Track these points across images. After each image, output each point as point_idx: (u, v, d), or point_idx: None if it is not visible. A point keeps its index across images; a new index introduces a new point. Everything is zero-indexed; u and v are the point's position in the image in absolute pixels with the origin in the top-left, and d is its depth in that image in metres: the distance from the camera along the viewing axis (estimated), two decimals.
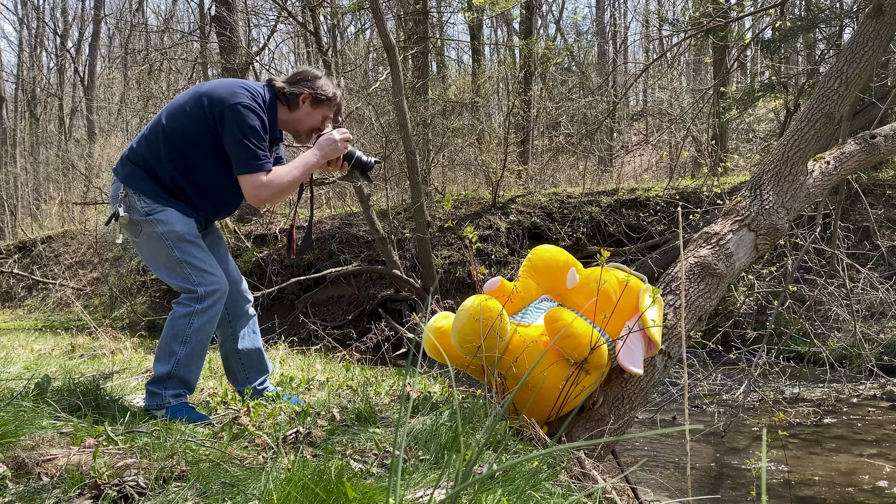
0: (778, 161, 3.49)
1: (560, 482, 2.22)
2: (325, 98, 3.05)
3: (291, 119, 3.07)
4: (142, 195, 2.89)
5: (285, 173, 2.93)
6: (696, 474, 4.56)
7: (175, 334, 2.89)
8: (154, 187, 2.91)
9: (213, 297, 2.91)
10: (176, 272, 2.91)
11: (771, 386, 6.25)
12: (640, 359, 2.85)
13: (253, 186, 2.87)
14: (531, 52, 14.62)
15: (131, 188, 2.91)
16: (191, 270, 2.90)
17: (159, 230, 2.88)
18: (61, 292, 16.55)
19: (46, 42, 29.49)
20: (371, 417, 2.72)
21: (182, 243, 2.90)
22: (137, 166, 2.94)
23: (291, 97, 3.03)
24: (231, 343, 3.22)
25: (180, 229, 2.90)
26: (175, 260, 2.90)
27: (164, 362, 2.89)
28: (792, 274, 6.30)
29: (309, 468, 1.86)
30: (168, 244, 2.89)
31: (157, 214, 2.89)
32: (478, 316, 2.65)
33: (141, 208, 2.88)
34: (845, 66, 3.58)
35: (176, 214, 2.92)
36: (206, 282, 2.90)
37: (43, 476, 1.97)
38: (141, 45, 24.43)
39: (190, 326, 2.89)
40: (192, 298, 2.89)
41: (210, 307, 2.91)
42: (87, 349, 6.22)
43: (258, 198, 2.89)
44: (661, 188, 11.92)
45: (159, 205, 2.90)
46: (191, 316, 2.88)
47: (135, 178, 2.92)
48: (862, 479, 4.34)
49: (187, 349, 2.89)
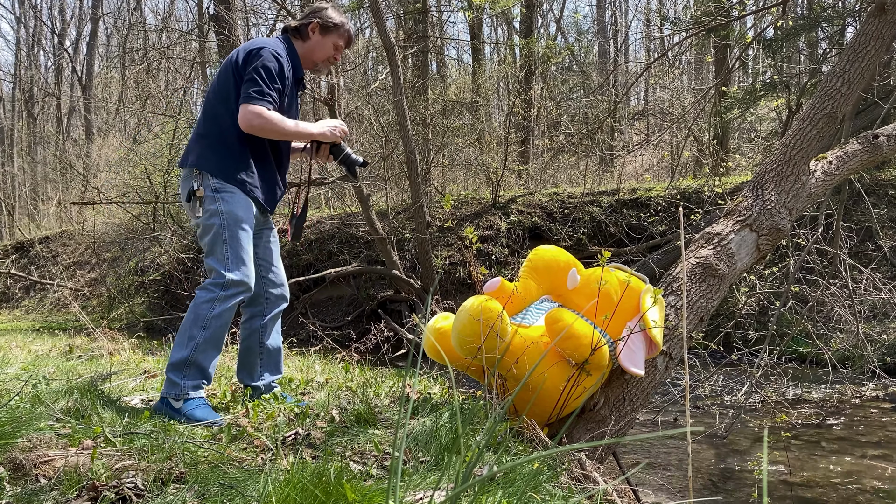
0: (780, 161, 3.49)
1: (561, 484, 2.22)
2: (333, 25, 3.21)
3: (307, 50, 3.23)
4: (214, 175, 3.02)
5: (283, 119, 3.04)
6: (697, 476, 4.55)
7: (196, 318, 2.95)
8: (224, 163, 3.04)
9: (238, 286, 2.99)
10: (216, 251, 3.01)
11: (773, 387, 6.25)
12: (642, 360, 2.85)
13: (250, 111, 2.97)
14: (532, 51, 14.63)
15: (204, 169, 3.04)
16: (230, 254, 2.99)
17: (221, 208, 3.00)
18: (59, 293, 16.56)
19: (44, 41, 29.51)
20: (371, 419, 2.72)
21: (235, 227, 3.01)
22: (203, 145, 3.07)
23: (302, 29, 3.21)
24: (259, 336, 3.28)
25: (239, 213, 3.03)
26: (221, 240, 3.00)
27: (183, 347, 2.94)
28: (794, 274, 6.29)
29: (308, 470, 1.86)
30: (221, 223, 3.00)
31: (225, 194, 3.02)
32: (478, 317, 2.65)
33: (212, 184, 3.02)
34: (848, 65, 3.58)
35: (241, 199, 3.05)
36: (237, 271, 2.98)
37: (40, 478, 1.97)
38: (139, 45, 24.46)
39: (211, 311, 2.94)
40: (218, 284, 2.96)
41: (233, 296, 2.98)
42: (85, 350, 6.22)
43: (248, 122, 2.97)
44: (662, 188, 11.92)
45: (228, 184, 3.03)
46: (213, 301, 2.95)
47: (204, 157, 3.06)
48: (864, 481, 4.34)
49: (206, 334, 2.94)
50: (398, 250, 11.45)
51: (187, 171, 3.09)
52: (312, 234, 13.18)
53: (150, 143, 16.40)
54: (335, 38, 3.24)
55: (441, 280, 11.20)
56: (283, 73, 3.06)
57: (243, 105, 2.97)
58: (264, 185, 3.16)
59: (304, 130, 3.14)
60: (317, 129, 3.18)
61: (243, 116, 2.96)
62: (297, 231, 3.40)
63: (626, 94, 15.78)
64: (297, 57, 3.21)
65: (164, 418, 2.75)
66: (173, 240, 14.27)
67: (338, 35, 3.24)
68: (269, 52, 3.03)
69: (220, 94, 3.08)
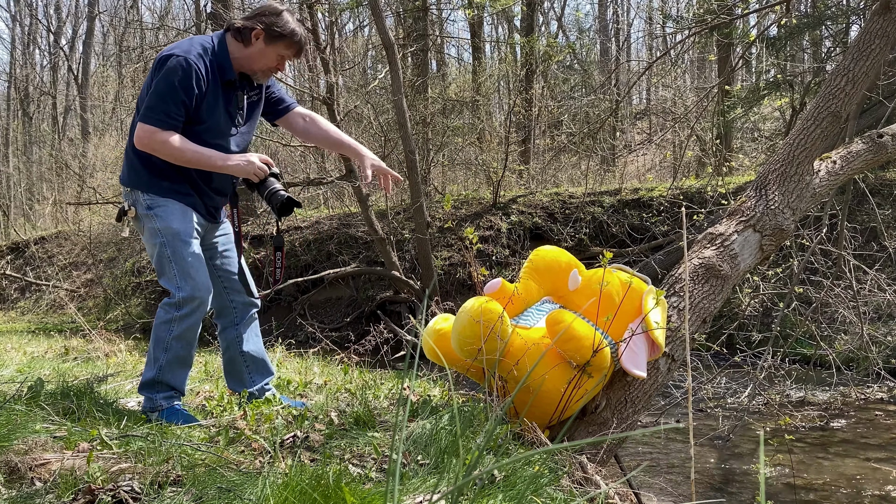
0: (783, 160, 3.49)
1: (562, 487, 2.22)
2: (280, 34, 2.89)
3: (245, 56, 2.93)
4: (145, 190, 2.92)
5: (181, 147, 2.82)
6: (700, 479, 4.55)
7: (157, 340, 2.93)
8: (151, 178, 2.92)
9: (190, 304, 2.89)
10: (164, 271, 2.93)
11: (776, 389, 6.25)
12: (644, 362, 2.85)
13: (140, 129, 2.80)
14: (532, 50, 14.63)
15: (134, 186, 2.94)
16: (176, 271, 2.89)
17: (157, 226, 2.90)
18: (55, 294, 16.55)
19: (39, 39, 29.52)
20: (370, 421, 2.72)
21: (175, 242, 2.90)
22: (130, 159, 2.97)
23: (245, 32, 2.89)
24: (236, 346, 3.25)
25: (176, 227, 2.90)
26: (165, 258, 2.91)
27: (150, 367, 2.95)
28: (798, 275, 6.29)
29: (306, 473, 1.86)
30: (161, 241, 2.90)
31: (158, 209, 2.91)
32: (478, 318, 2.65)
33: (144, 201, 2.91)
34: (852, 63, 3.58)
35: (176, 209, 2.92)
36: (186, 287, 2.88)
37: (36, 481, 1.97)
38: (136, 43, 24.44)
39: (170, 333, 2.91)
40: (172, 304, 2.91)
41: (188, 315, 2.91)
42: (81, 352, 6.22)
43: (140, 142, 2.82)
44: (664, 188, 11.92)
45: (161, 198, 2.91)
46: (170, 323, 2.91)
47: (133, 173, 2.95)
48: (869, 484, 4.33)
49: (169, 356, 2.91)
50: (398, 251, 11.46)
51: (124, 189, 3.01)
52: (311, 234, 13.18)
53: None
54: (282, 48, 2.92)
55: (441, 281, 11.20)
56: (189, 84, 2.79)
57: (137, 123, 2.83)
58: (197, 190, 2.99)
59: (210, 163, 2.87)
60: (227, 165, 2.90)
61: (137, 135, 2.83)
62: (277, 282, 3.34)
63: (628, 93, 15.79)
64: (228, 58, 2.92)
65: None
66: None
67: (285, 45, 2.92)
68: (176, 61, 2.78)
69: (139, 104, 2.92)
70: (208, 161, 2.88)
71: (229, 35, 2.95)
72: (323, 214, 14.16)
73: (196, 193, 3.01)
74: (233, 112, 3.01)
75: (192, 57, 2.82)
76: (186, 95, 2.80)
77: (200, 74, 2.83)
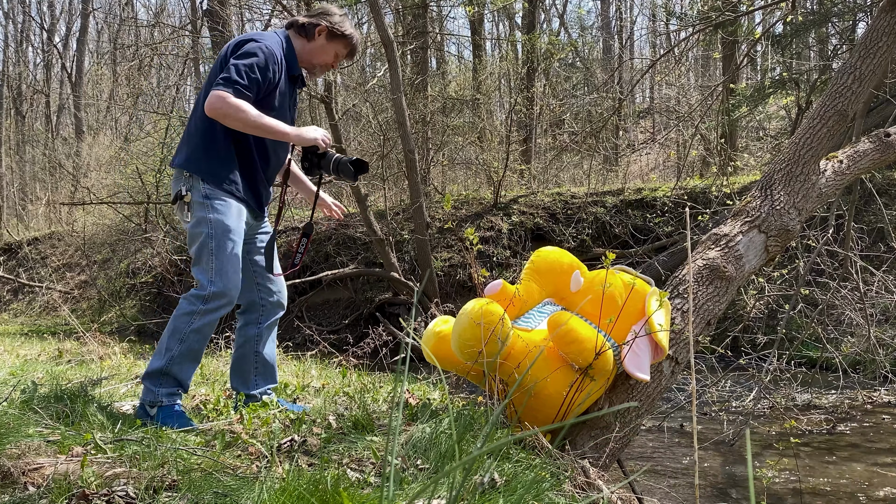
0: (789, 160, 3.50)
1: (564, 491, 2.22)
2: (341, 34, 3.19)
3: (307, 50, 3.19)
4: (205, 180, 3.00)
5: (256, 113, 2.94)
6: (703, 483, 4.55)
7: (174, 330, 2.96)
8: (212, 164, 3.02)
9: (219, 300, 2.97)
10: (202, 261, 3.00)
11: (782, 392, 6.25)
12: (647, 365, 2.85)
13: (214, 95, 2.89)
14: (534, 48, 14.63)
15: (193, 172, 3.02)
16: (215, 265, 2.98)
17: (210, 216, 2.99)
18: (48, 296, 16.55)
19: (33, 37, 29.52)
20: (368, 425, 2.72)
21: (223, 238, 3.00)
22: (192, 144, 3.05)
23: (309, 27, 3.17)
24: (254, 345, 3.29)
25: (228, 223, 3.01)
26: (207, 250, 2.99)
27: (160, 357, 2.96)
28: (804, 277, 6.30)
29: (304, 478, 1.86)
30: (209, 232, 2.99)
31: (216, 202, 3.00)
32: (479, 320, 2.65)
33: (203, 189, 3.00)
34: (859, 61, 3.58)
35: (233, 206, 3.04)
36: (219, 283, 2.97)
37: (29, 486, 1.97)
38: (130, 41, 24.47)
39: (190, 325, 2.95)
40: (200, 297, 2.96)
41: (214, 310, 2.97)
42: (75, 354, 6.22)
43: (210, 106, 2.90)
44: (668, 188, 11.93)
45: (222, 192, 3.01)
46: (192, 315, 2.95)
47: (193, 159, 3.04)
48: (876, 489, 4.33)
49: (183, 347, 2.95)
50: (397, 252, 11.46)
51: (177, 172, 3.07)
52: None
53: (141, 141, 16.42)
54: (340, 46, 3.22)
55: (441, 282, 11.20)
56: (267, 68, 2.99)
57: (210, 91, 2.92)
58: (247, 183, 3.13)
59: (280, 131, 3.02)
60: (296, 134, 3.08)
61: (207, 101, 2.91)
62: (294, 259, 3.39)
63: (632, 91, 15.80)
64: (294, 54, 3.16)
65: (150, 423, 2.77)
66: (165, 241, 14.27)
67: (343, 44, 3.23)
68: (255, 45, 2.98)
69: (206, 88, 3.04)
70: (278, 129, 3.01)
71: (292, 31, 3.21)
72: (320, 215, 14.12)
73: (251, 183, 3.14)
74: (292, 105, 3.27)
75: (271, 44, 3.04)
76: (262, 77, 2.98)
77: (277, 62, 3.04)
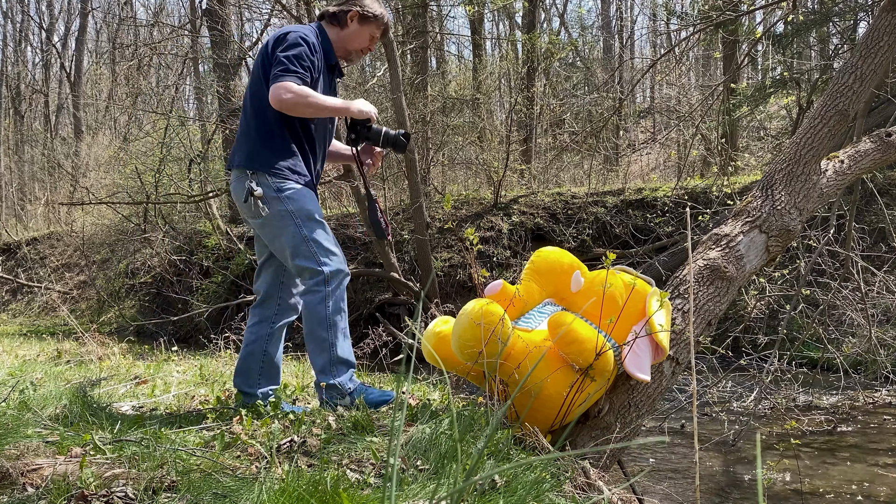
0: (790, 160, 3.50)
1: (564, 492, 2.22)
2: (372, 16, 3.25)
3: (342, 38, 3.27)
4: (269, 173, 3.06)
5: (321, 96, 3.07)
6: (704, 484, 4.56)
7: (319, 321, 3.04)
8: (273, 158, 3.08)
9: (337, 277, 3.08)
10: (301, 251, 3.06)
11: (783, 393, 6.25)
12: (648, 365, 2.85)
13: (278, 87, 2.98)
14: (534, 47, 14.63)
15: (258, 169, 3.07)
16: (317, 249, 3.06)
17: (290, 208, 3.06)
18: (47, 296, 16.55)
19: (31, 36, 29.54)
20: (368, 426, 2.72)
21: (311, 222, 3.08)
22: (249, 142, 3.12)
23: (341, 15, 3.25)
24: (264, 344, 3.31)
25: (310, 207, 3.10)
26: (301, 239, 3.06)
27: (322, 352, 3.06)
28: (805, 277, 6.29)
29: (304, 479, 1.86)
30: (296, 222, 3.06)
31: (289, 192, 3.07)
32: (479, 320, 2.65)
33: (272, 184, 3.06)
34: (860, 61, 3.58)
35: (305, 191, 3.11)
36: (331, 262, 3.07)
37: (28, 487, 1.97)
38: (129, 40, 24.46)
39: (328, 309, 3.04)
40: (320, 282, 3.04)
41: (337, 287, 3.07)
42: (74, 355, 6.23)
43: (278, 98, 2.98)
44: (669, 188, 11.93)
45: (290, 181, 3.08)
46: (325, 300, 3.04)
47: (254, 156, 3.10)
48: (877, 490, 4.33)
49: (334, 331, 3.05)
50: (396, 252, 11.46)
51: (238, 172, 3.13)
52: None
53: (140, 141, 16.42)
54: (373, 28, 3.28)
55: (441, 283, 11.20)
56: (311, 57, 3.08)
57: (272, 86, 3.00)
58: (307, 168, 3.21)
59: (340, 107, 3.14)
60: (353, 105, 3.19)
61: (273, 95, 2.98)
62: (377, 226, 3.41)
63: (632, 91, 15.79)
64: (330, 44, 3.25)
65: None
66: (165, 241, 14.28)
67: (376, 26, 3.29)
68: (296, 36, 3.07)
69: (254, 86, 3.14)
70: (341, 106, 3.14)
71: (324, 22, 3.29)
72: None
73: (310, 167, 3.21)
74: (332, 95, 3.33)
75: (309, 35, 3.13)
76: (311, 64, 3.08)
77: (316, 52, 3.14)
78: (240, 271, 12.93)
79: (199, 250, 13.98)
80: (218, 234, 13.68)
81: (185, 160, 14.11)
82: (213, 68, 15.63)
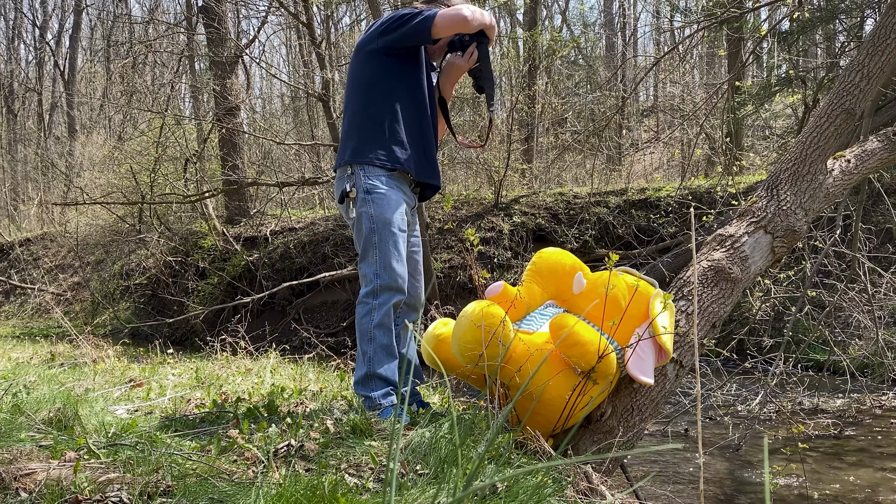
0: (796, 159, 3.50)
1: (566, 498, 2.22)
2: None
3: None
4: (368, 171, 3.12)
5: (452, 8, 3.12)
6: (709, 489, 4.55)
7: (361, 333, 3.09)
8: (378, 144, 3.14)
9: (388, 292, 3.08)
10: (367, 256, 3.12)
11: (788, 396, 6.25)
12: (651, 368, 2.85)
13: (423, 20, 3.05)
14: (536, 45, 14.63)
15: (362, 160, 3.14)
16: (379, 259, 3.08)
17: (371, 212, 3.10)
18: (40, 298, 16.56)
19: (24, 34, 29.57)
20: (367, 430, 2.72)
21: (385, 231, 3.10)
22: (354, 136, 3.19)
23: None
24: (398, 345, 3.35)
25: (389, 216, 3.11)
26: (371, 245, 3.10)
27: (361, 364, 3.10)
28: (810, 278, 6.30)
29: (301, 483, 1.86)
30: (371, 227, 3.10)
31: (375, 195, 3.11)
32: (479, 322, 2.65)
33: (364, 185, 3.11)
34: (867, 59, 3.58)
35: (392, 199, 3.13)
36: (384, 276, 3.07)
37: (21, 491, 1.97)
38: (124, 38, 24.47)
39: (371, 322, 3.06)
40: (370, 294, 3.08)
41: (385, 302, 3.08)
42: (68, 358, 6.22)
43: (434, 25, 3.05)
44: (672, 188, 11.93)
45: (381, 184, 3.11)
46: (371, 313, 3.07)
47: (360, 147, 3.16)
48: (884, 494, 4.33)
49: (374, 346, 3.07)
50: None
51: (341, 171, 3.20)
52: (306, 235, 13.18)
53: (135, 140, 16.44)
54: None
55: (441, 284, 11.20)
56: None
57: (413, 32, 3.08)
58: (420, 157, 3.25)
59: (480, 17, 3.18)
60: (488, 18, 3.25)
61: (421, 31, 3.06)
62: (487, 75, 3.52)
63: (635, 89, 15.81)
64: None
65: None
66: (160, 242, 14.28)
67: None
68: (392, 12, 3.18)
69: (357, 80, 3.21)
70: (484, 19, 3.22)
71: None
72: (318, 215, 14.16)
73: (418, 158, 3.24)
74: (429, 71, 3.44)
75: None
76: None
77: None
78: (236, 273, 12.94)
79: (195, 251, 13.98)
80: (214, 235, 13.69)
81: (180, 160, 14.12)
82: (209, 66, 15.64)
